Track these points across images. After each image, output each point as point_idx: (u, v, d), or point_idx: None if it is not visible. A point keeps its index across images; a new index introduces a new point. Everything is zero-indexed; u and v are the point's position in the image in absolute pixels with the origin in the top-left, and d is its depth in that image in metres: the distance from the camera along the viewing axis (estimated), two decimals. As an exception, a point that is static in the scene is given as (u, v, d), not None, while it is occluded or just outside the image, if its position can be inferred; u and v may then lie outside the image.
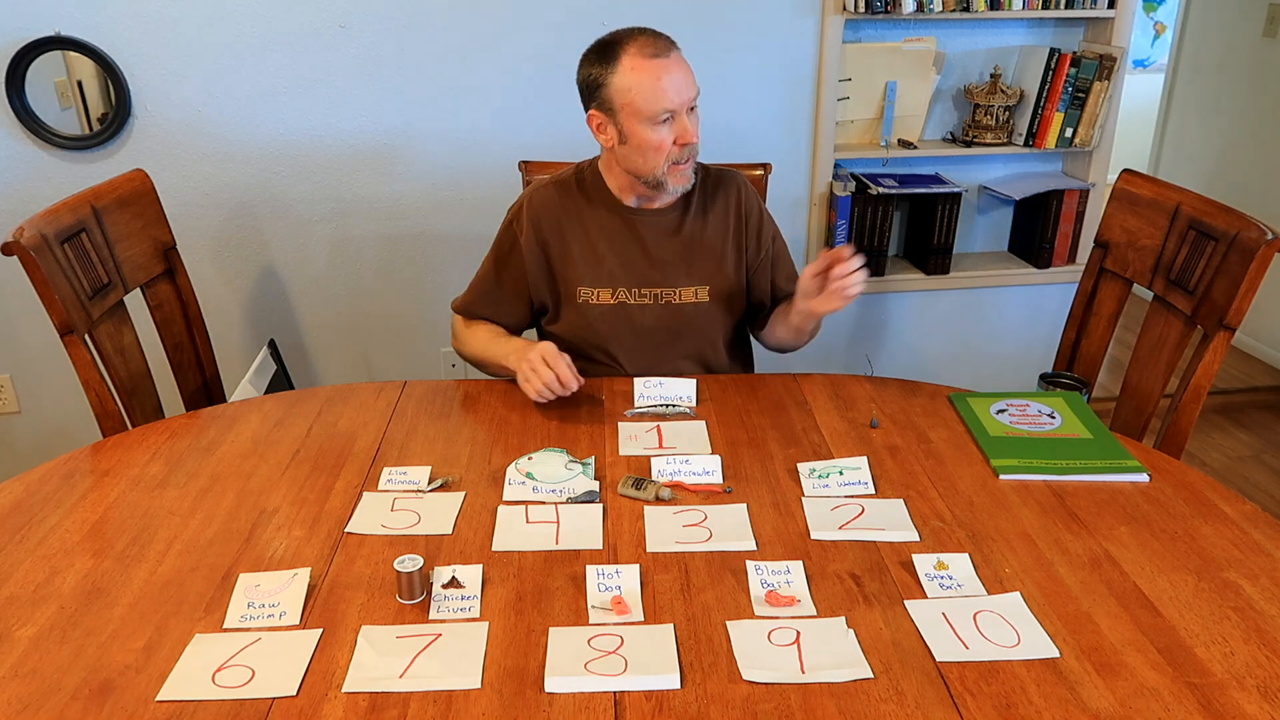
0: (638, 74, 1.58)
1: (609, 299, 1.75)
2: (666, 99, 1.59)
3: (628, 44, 1.60)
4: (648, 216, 1.75)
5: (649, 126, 1.61)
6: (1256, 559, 1.23)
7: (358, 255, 2.69)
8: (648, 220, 1.75)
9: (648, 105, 1.59)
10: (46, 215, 1.67)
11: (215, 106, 2.48)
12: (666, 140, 1.62)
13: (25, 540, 1.26)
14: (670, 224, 1.76)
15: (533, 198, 1.77)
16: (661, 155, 1.63)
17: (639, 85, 1.58)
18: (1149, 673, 1.03)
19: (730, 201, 1.78)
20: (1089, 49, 2.77)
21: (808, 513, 1.32)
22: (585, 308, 1.75)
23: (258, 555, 1.23)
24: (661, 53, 1.59)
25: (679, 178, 1.67)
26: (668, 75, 1.58)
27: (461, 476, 1.42)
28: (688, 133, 1.62)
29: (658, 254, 1.75)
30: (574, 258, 1.75)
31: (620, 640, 1.07)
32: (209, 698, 1.00)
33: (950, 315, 3.00)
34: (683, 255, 1.76)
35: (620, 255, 1.74)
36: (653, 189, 1.69)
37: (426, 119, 2.58)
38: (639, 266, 1.75)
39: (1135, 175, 1.90)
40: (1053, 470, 1.42)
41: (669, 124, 1.61)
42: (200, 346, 2.03)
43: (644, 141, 1.62)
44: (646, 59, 1.58)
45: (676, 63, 1.60)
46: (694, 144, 1.64)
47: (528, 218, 1.76)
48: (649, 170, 1.66)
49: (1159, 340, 1.80)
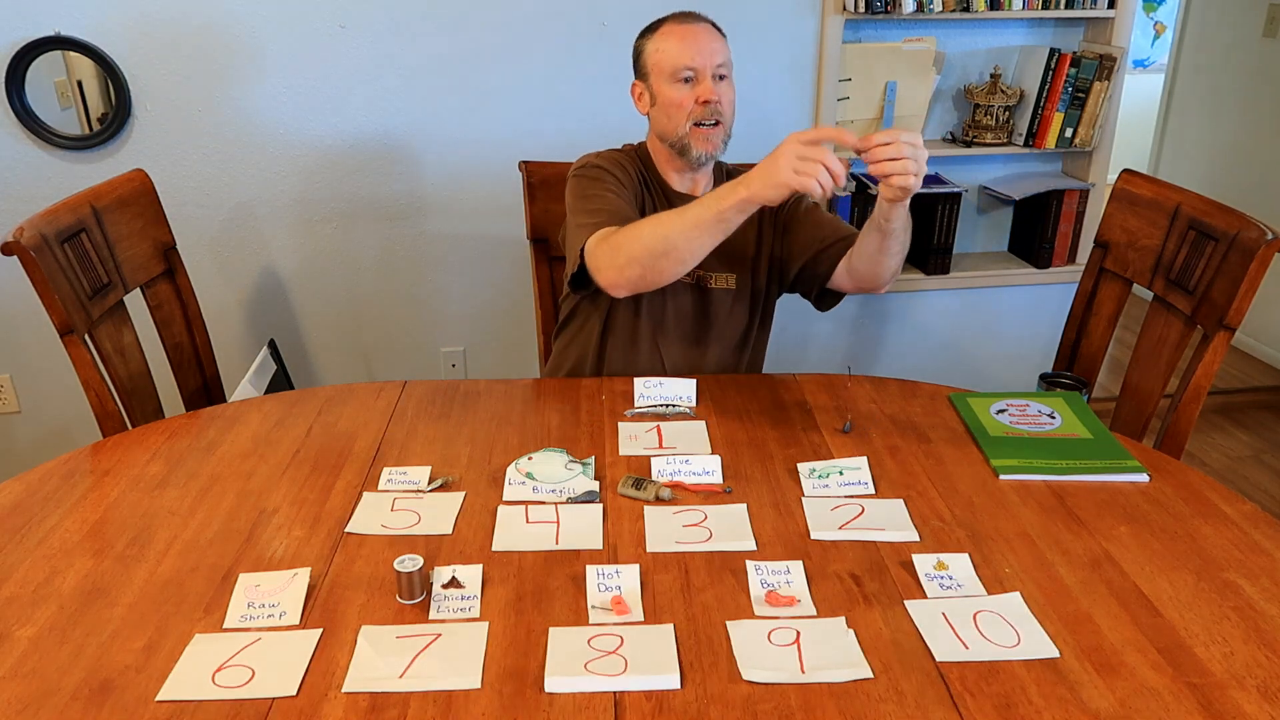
0: (665, 38, 1.70)
1: None
2: (687, 56, 1.67)
3: (668, 18, 1.73)
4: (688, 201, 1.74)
5: (671, 84, 1.68)
6: (1256, 559, 1.23)
7: (358, 255, 2.69)
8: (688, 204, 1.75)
9: (669, 61, 1.68)
10: (46, 215, 1.67)
11: (215, 106, 2.48)
12: (688, 98, 1.67)
13: (25, 540, 1.26)
14: None
15: (608, 154, 1.78)
16: (683, 113, 1.68)
17: (665, 46, 1.69)
18: (1149, 673, 1.03)
19: None
20: (1089, 49, 2.77)
21: (808, 513, 1.32)
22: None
23: (258, 555, 1.23)
24: (691, 21, 1.71)
25: (702, 141, 1.69)
26: (693, 36, 1.68)
27: (461, 476, 1.42)
28: (708, 89, 1.66)
29: None
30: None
31: (620, 640, 1.07)
32: (209, 698, 1.00)
33: (950, 315, 3.00)
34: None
35: None
36: (680, 155, 1.73)
37: (426, 119, 2.58)
38: None
39: (1135, 175, 1.90)
40: (1053, 470, 1.42)
41: (691, 84, 1.67)
42: (200, 346, 2.03)
43: (668, 99, 1.69)
44: (676, 25, 1.71)
45: (705, 30, 1.70)
46: (716, 105, 1.67)
47: (613, 163, 1.74)
48: (673, 130, 1.70)
49: (1159, 340, 1.80)
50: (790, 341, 1.84)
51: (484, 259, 2.75)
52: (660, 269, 1.52)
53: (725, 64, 1.69)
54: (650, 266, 1.51)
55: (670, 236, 1.48)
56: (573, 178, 1.74)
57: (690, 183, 1.79)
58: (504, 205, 2.62)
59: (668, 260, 1.50)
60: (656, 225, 1.51)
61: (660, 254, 1.49)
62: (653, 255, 1.50)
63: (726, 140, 1.73)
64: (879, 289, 1.73)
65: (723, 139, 1.72)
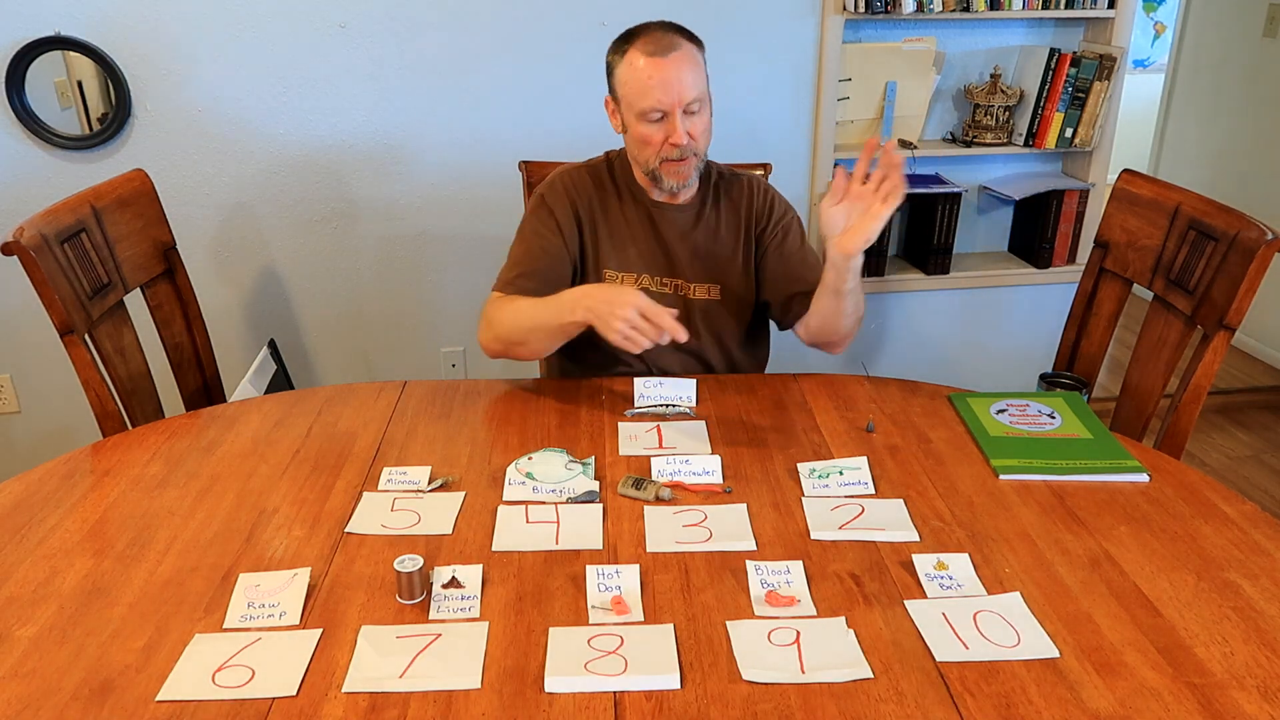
0: (633, 69, 1.60)
1: (634, 284, 1.75)
2: (653, 98, 1.59)
3: (638, 38, 1.61)
4: (668, 211, 1.75)
5: (640, 121, 1.63)
6: (1256, 559, 1.23)
7: (358, 255, 2.69)
8: (667, 215, 1.76)
9: (637, 101, 1.61)
10: (46, 215, 1.67)
11: (215, 106, 2.48)
12: (656, 137, 1.63)
13: (25, 540, 1.26)
14: (687, 221, 1.76)
15: (564, 176, 1.77)
16: (652, 150, 1.64)
17: (633, 80, 1.60)
18: (1149, 673, 1.03)
19: (740, 204, 1.78)
20: (1089, 49, 2.77)
21: (808, 513, 1.32)
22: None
23: (258, 555, 1.23)
24: (662, 51, 1.58)
25: (674, 174, 1.67)
26: (660, 74, 1.58)
27: (461, 476, 1.42)
28: (677, 134, 1.60)
29: (674, 250, 1.76)
30: (602, 239, 1.75)
31: (620, 640, 1.07)
32: (209, 698, 1.00)
33: (950, 315, 3.00)
34: (696, 254, 1.77)
35: (640, 246, 1.76)
36: (652, 181, 1.70)
37: (426, 119, 2.58)
38: (658, 259, 1.76)
39: (1135, 175, 1.90)
40: (1053, 470, 1.42)
41: (660, 123, 1.61)
42: (200, 346, 2.03)
43: (637, 134, 1.65)
44: (645, 56, 1.59)
45: (675, 63, 1.58)
46: (686, 145, 1.62)
47: (563, 192, 1.74)
48: (643, 162, 1.68)
49: (1159, 340, 1.80)
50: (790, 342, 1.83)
51: (484, 259, 2.74)
52: (517, 353, 1.67)
53: (698, 98, 1.61)
54: (509, 349, 1.66)
55: (524, 329, 1.63)
56: (530, 200, 1.77)
57: (667, 193, 1.73)
58: (504, 205, 2.62)
59: (523, 348, 1.66)
60: (517, 316, 1.63)
61: (517, 342, 1.65)
62: (510, 341, 1.65)
63: (700, 166, 1.70)
64: (836, 350, 1.75)
65: (696, 167, 1.68)
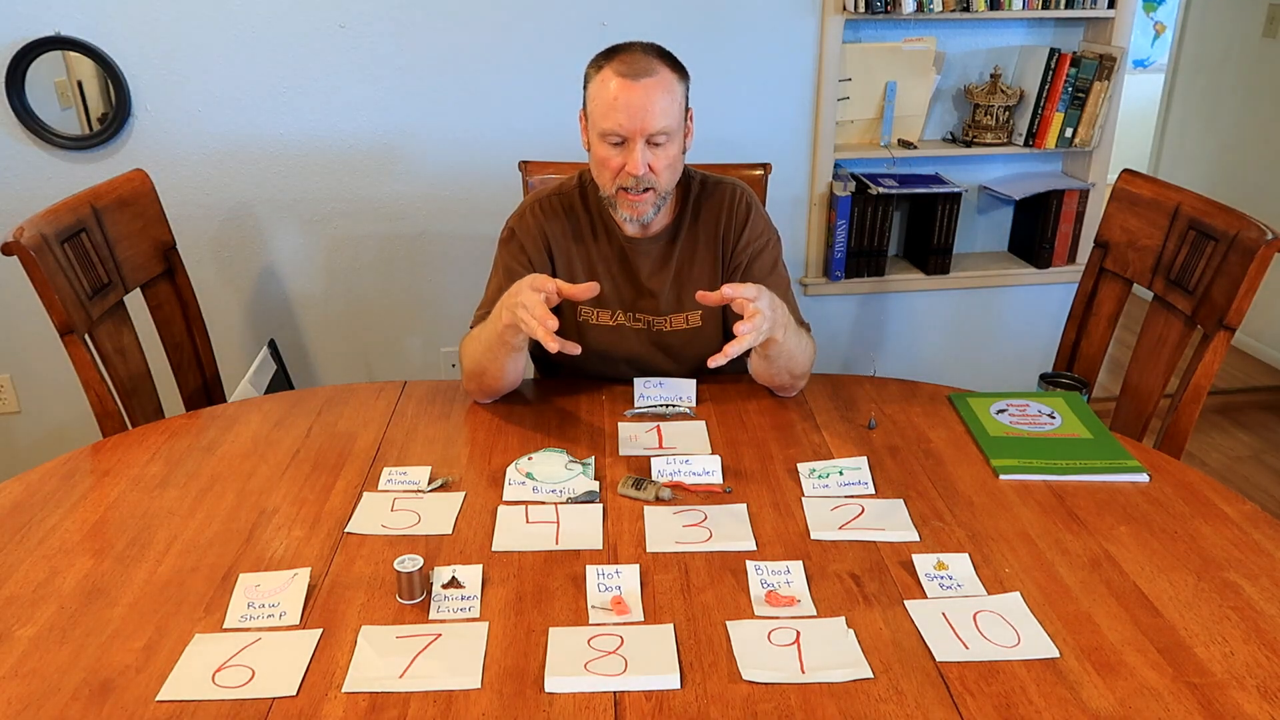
0: (603, 87, 1.53)
1: (608, 320, 1.72)
2: (614, 120, 1.51)
3: (615, 56, 1.54)
4: (640, 245, 1.69)
5: (600, 141, 1.55)
6: (1256, 559, 1.23)
7: (358, 255, 2.69)
8: (640, 249, 1.69)
9: (600, 121, 1.54)
10: (46, 215, 1.67)
11: (215, 106, 2.48)
12: (614, 162, 1.54)
13: (25, 540, 1.26)
14: (661, 253, 1.70)
15: (535, 209, 1.71)
16: (608, 174, 1.57)
17: (600, 98, 1.53)
18: (1149, 673, 1.03)
19: (718, 219, 1.70)
20: (1089, 49, 2.77)
21: (808, 513, 1.32)
22: (585, 327, 1.72)
23: (258, 555, 1.23)
24: (635, 75, 1.50)
25: (628, 206, 1.58)
26: (627, 97, 1.50)
27: (461, 476, 1.42)
28: (634, 162, 1.52)
29: (649, 285, 1.70)
30: (576, 277, 1.68)
31: (620, 640, 1.07)
32: (209, 698, 1.00)
33: (950, 315, 3.00)
34: (672, 286, 1.71)
35: (614, 282, 1.70)
36: (610, 208, 1.63)
37: (427, 119, 2.58)
38: (630, 297, 1.71)
39: (1135, 175, 1.90)
40: (1053, 470, 1.42)
41: (620, 148, 1.54)
42: (200, 346, 2.03)
43: (596, 154, 1.57)
44: (618, 76, 1.51)
45: (646, 89, 1.50)
46: (643, 177, 1.53)
47: (533, 225, 1.70)
48: (601, 185, 1.60)
49: (1159, 340, 1.80)
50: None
51: (484, 259, 2.72)
52: (485, 387, 1.62)
53: (665, 130, 1.52)
54: (480, 383, 1.61)
55: (478, 355, 1.57)
56: (503, 231, 1.73)
57: (638, 227, 1.64)
58: (504, 205, 2.59)
59: (487, 378, 1.59)
60: (473, 345, 1.59)
61: (479, 373, 1.59)
62: (475, 374, 1.60)
63: (661, 202, 1.60)
64: (785, 394, 1.67)
65: (654, 203, 1.59)
